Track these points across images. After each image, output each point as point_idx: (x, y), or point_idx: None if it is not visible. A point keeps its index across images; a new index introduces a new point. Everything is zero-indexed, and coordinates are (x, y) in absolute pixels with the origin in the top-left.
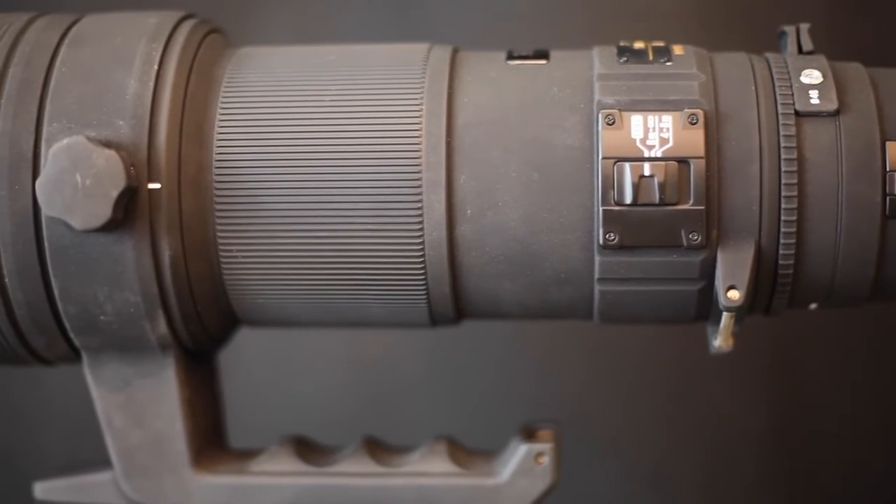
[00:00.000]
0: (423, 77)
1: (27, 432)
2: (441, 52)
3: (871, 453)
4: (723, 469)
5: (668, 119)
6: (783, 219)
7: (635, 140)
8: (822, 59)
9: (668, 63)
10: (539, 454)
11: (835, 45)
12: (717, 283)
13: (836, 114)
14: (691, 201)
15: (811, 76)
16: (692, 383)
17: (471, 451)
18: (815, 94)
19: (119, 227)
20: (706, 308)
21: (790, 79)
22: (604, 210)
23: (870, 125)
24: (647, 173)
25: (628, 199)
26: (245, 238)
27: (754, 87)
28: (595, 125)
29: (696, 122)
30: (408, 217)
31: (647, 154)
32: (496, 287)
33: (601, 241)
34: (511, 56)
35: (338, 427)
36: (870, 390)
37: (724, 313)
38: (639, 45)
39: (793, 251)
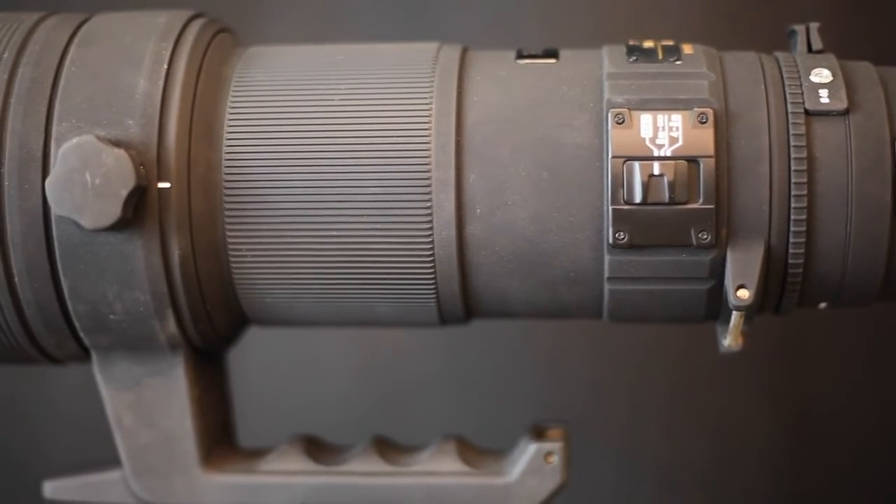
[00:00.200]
0: (433, 76)
1: (37, 431)
2: (450, 52)
3: (878, 453)
4: (729, 469)
5: (677, 118)
6: (793, 218)
7: (645, 139)
8: (832, 57)
9: (678, 62)
10: (549, 453)
11: (844, 44)
12: (726, 282)
13: (846, 113)
14: (701, 200)
15: (821, 75)
16: (700, 383)
17: (480, 451)
18: (824, 93)
19: (129, 227)
20: (716, 307)
21: (800, 78)
22: (613, 209)
23: (879, 124)
24: (656, 172)
25: (638, 198)
26: (254, 237)
27: (764, 87)
28: (604, 124)
29: (705, 121)
30: (417, 216)
31: (656, 153)
32: (505, 286)
33: (611, 241)
34: (520, 55)
35: (347, 426)
36: (876, 390)
37: (734, 313)
38: (648, 44)
39: (802, 250)
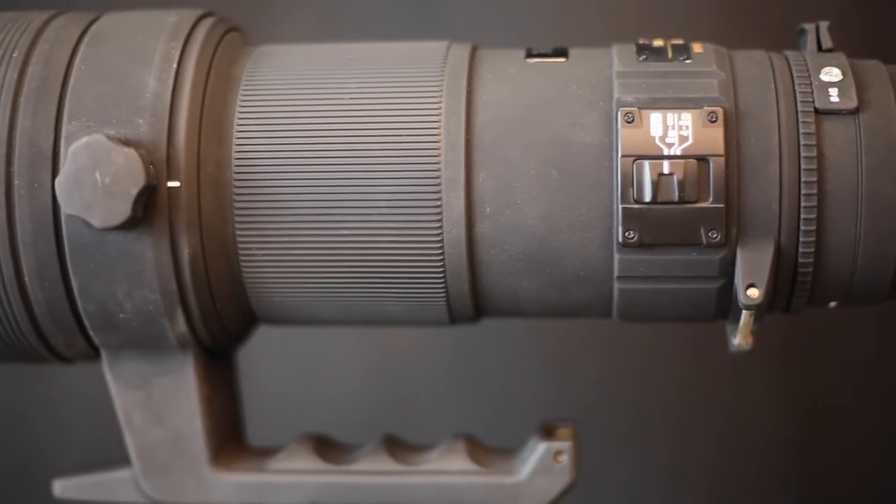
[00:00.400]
0: (442, 75)
1: (46, 430)
2: (460, 50)
3: (885, 453)
4: (737, 468)
5: (687, 117)
6: (803, 217)
7: (654, 138)
8: (842, 56)
9: (688, 61)
10: (558, 452)
11: (854, 43)
12: (736, 281)
13: (856, 112)
14: (711, 199)
15: (831, 74)
16: (708, 382)
17: (490, 450)
18: (834, 91)
19: (138, 226)
20: (726, 306)
21: (809, 77)
22: (623, 208)
23: (889, 123)
24: (666, 171)
25: (647, 196)
26: (264, 236)
27: (774, 85)
28: (614, 123)
29: (715, 120)
30: (427, 215)
31: (666, 152)
32: (515, 285)
33: (620, 239)
34: (530, 54)
35: (356, 425)
36: (884, 390)
37: (744, 311)
38: (658, 42)
39: (812, 249)
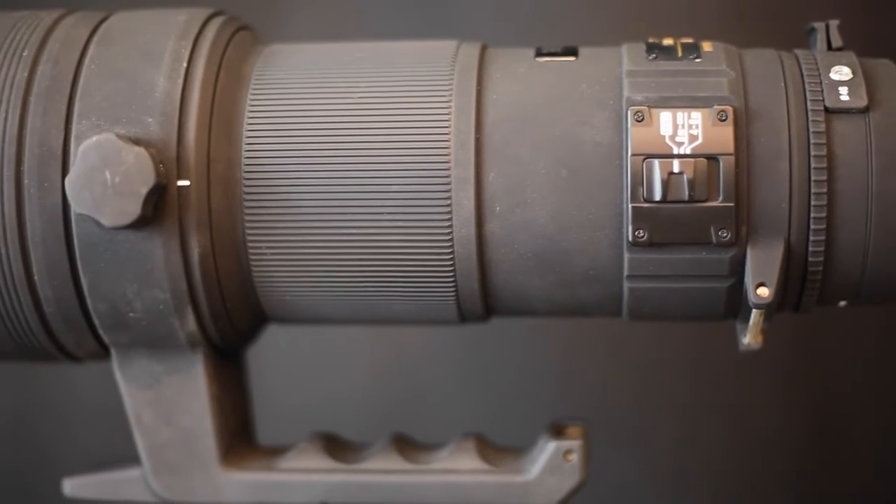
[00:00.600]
0: (452, 74)
1: (56, 429)
2: (469, 49)
3: (893, 454)
4: (744, 468)
5: (697, 116)
6: (813, 216)
7: (664, 137)
8: (852, 55)
9: (698, 60)
10: (568, 451)
11: (864, 42)
12: (746, 280)
13: (866, 110)
14: (720, 198)
15: (841, 73)
16: (718, 381)
17: (499, 449)
18: (844, 90)
19: (148, 225)
20: (735, 305)
21: (819, 75)
22: (633, 207)
23: None
24: (676, 170)
25: (657, 195)
26: (274, 235)
27: (784, 84)
28: (624, 122)
29: (725, 119)
30: (437, 214)
31: (676, 151)
32: (525, 284)
33: (630, 238)
34: (540, 53)
35: (366, 424)
36: (892, 390)
37: (754, 310)
38: (668, 41)
39: (822, 248)
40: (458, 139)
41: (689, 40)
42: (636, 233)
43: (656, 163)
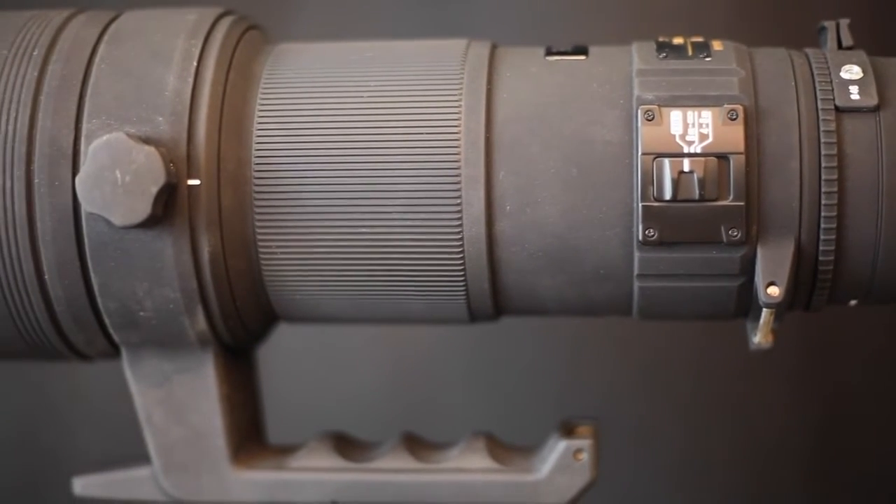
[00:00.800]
0: (462, 73)
1: (66, 428)
2: (479, 48)
3: None
4: (752, 468)
5: (707, 115)
6: (823, 215)
7: (675, 136)
8: (862, 54)
9: (708, 58)
10: (578, 450)
11: (874, 41)
12: (756, 279)
13: (877, 109)
14: (731, 197)
15: (851, 71)
16: (726, 381)
17: (509, 448)
18: (855, 89)
19: (158, 224)
20: (746, 304)
21: (830, 74)
22: (643, 206)
23: None
24: (686, 169)
25: (668, 195)
26: (284, 234)
27: (794, 83)
28: (634, 121)
29: (735, 118)
30: (447, 213)
31: (686, 150)
32: (535, 283)
33: (640, 238)
34: (550, 52)
35: (376, 423)
36: None
37: (764, 310)
38: (678, 40)
39: (833, 247)
40: (468, 138)
41: (700, 39)
42: (646, 232)
43: (666, 162)
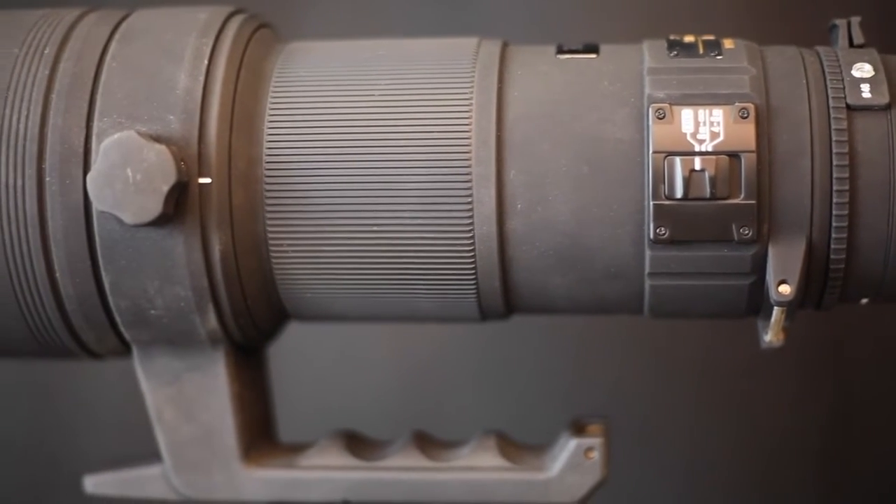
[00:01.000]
0: (473, 71)
1: (77, 426)
2: (490, 47)
3: None
4: (763, 467)
5: (718, 113)
6: (835, 213)
7: (686, 134)
8: (874, 52)
9: (719, 57)
10: (589, 449)
11: (886, 39)
12: (768, 277)
13: (888, 107)
14: (742, 195)
15: (862, 70)
16: (735, 380)
17: (520, 446)
18: (866, 87)
19: (169, 222)
20: (757, 303)
21: (841, 72)
22: (654, 204)
23: None
24: (697, 167)
25: (679, 193)
26: (295, 232)
27: (805, 81)
28: (645, 119)
29: (746, 116)
30: (458, 211)
31: (697, 148)
32: (546, 281)
33: (652, 236)
34: (561, 50)
35: (386, 421)
36: None
37: (776, 308)
38: (689, 38)
39: (844, 245)
40: (479, 136)
41: (711, 37)
42: (658, 230)
43: (678, 160)
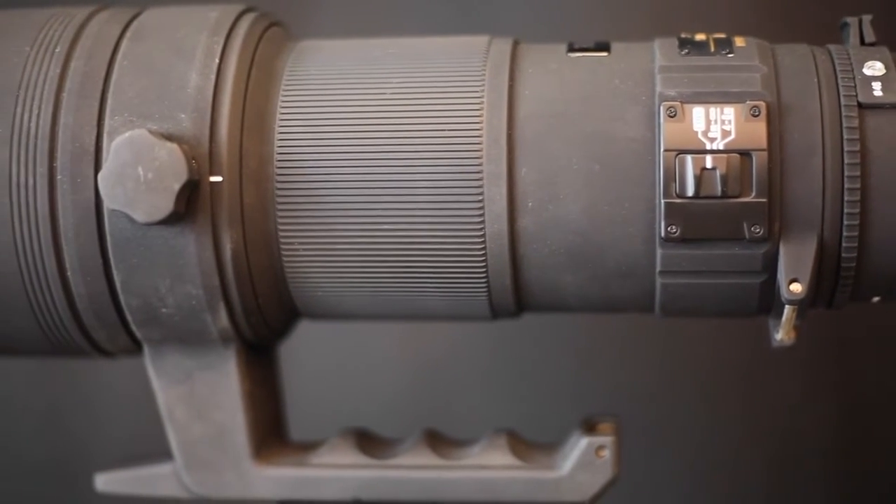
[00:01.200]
0: (484, 69)
1: (88, 424)
2: (501, 45)
3: None
4: (775, 465)
5: (730, 111)
6: (846, 211)
7: (697, 132)
8: (885, 50)
9: (730, 55)
10: (600, 447)
11: None
12: (779, 276)
13: None
14: (753, 194)
15: (874, 68)
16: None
17: (531, 444)
18: (877, 85)
19: (181, 221)
20: (768, 301)
21: (853, 70)
22: (665, 203)
23: None
24: (708, 166)
25: (690, 191)
26: (306, 231)
27: (816, 79)
28: (657, 117)
29: (758, 115)
30: (469, 210)
31: (708, 146)
32: (557, 280)
33: (663, 234)
34: (572, 48)
35: (397, 420)
36: None
37: (787, 307)
38: (700, 36)
39: (856, 244)
40: (490, 135)
41: (722, 35)
42: (669, 228)
43: (689, 158)
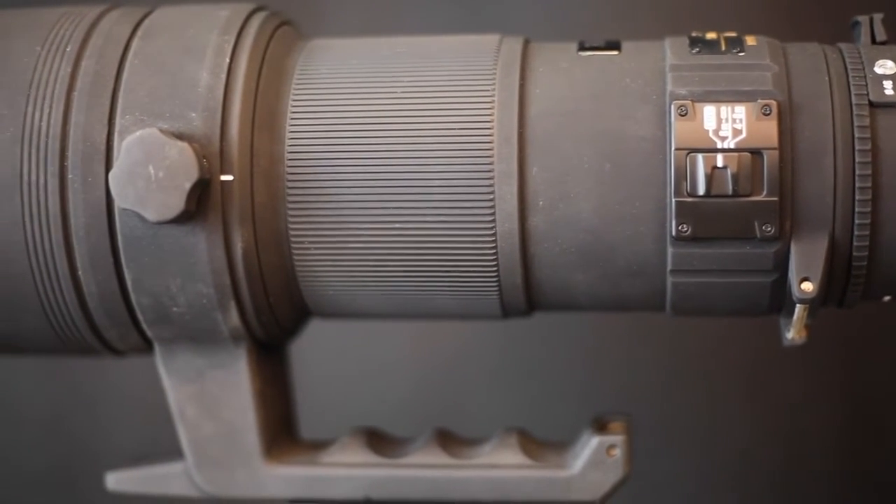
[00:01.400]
0: (495, 68)
1: (99, 423)
2: (512, 43)
3: None
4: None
5: (741, 110)
6: (857, 210)
7: (708, 131)
8: None
9: (741, 53)
10: (611, 446)
11: None
12: (790, 274)
13: None
14: (765, 192)
15: (885, 66)
16: (758, 377)
17: (542, 443)
18: (889, 84)
19: (192, 219)
20: (779, 300)
21: (864, 69)
22: (676, 201)
23: None
24: (719, 164)
25: (701, 190)
26: (317, 229)
27: (827, 78)
28: (667, 116)
29: (769, 113)
30: (480, 208)
31: (719, 145)
32: (568, 279)
33: (674, 233)
34: (582, 47)
35: (408, 419)
36: None
37: (798, 305)
38: (711, 35)
39: (867, 243)
40: (501, 133)
41: (733, 34)
42: (680, 227)
43: (700, 157)
